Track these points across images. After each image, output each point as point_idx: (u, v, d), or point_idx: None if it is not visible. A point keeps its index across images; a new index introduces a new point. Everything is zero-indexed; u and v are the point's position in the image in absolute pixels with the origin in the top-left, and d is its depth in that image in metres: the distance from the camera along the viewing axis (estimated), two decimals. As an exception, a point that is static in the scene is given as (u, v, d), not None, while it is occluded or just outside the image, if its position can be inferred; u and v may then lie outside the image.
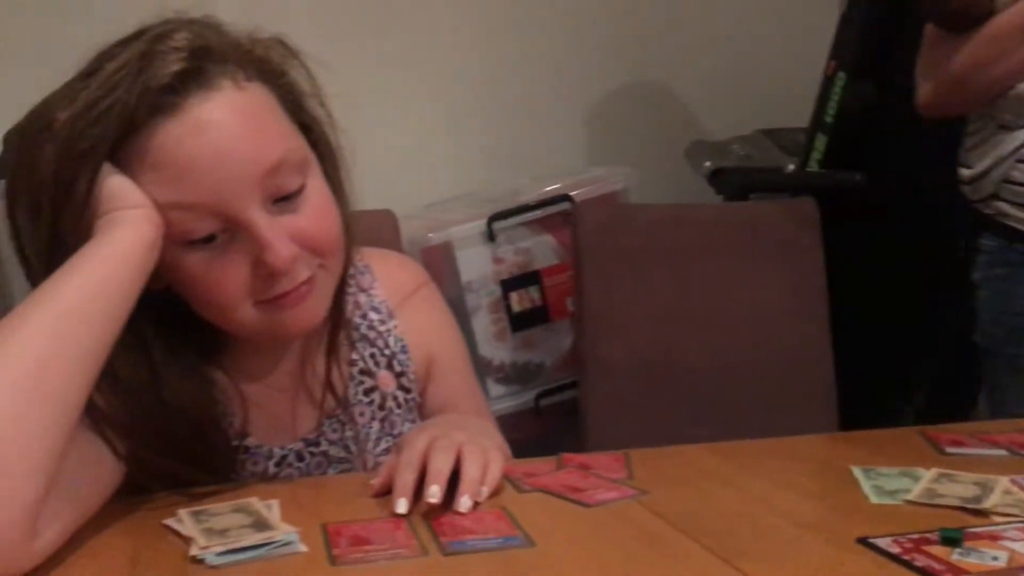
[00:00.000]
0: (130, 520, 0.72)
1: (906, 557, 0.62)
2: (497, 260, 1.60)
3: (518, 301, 1.60)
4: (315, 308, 0.82)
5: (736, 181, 1.76)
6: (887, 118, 1.66)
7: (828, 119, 1.68)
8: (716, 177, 1.84)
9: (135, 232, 0.71)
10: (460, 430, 0.80)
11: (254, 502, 0.73)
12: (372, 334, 0.95)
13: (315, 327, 0.85)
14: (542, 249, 1.62)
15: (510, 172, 1.89)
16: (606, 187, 1.65)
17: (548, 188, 1.65)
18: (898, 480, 0.78)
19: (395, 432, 0.94)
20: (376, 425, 0.94)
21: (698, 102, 2.13)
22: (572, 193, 1.61)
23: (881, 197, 1.60)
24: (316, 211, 0.79)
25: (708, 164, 1.86)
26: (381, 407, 0.94)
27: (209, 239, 0.75)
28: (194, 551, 0.63)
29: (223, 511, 0.71)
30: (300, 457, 0.90)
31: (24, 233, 0.75)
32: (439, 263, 1.56)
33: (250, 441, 0.87)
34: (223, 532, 0.66)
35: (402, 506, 0.70)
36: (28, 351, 0.62)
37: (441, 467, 0.72)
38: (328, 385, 0.88)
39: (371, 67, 1.88)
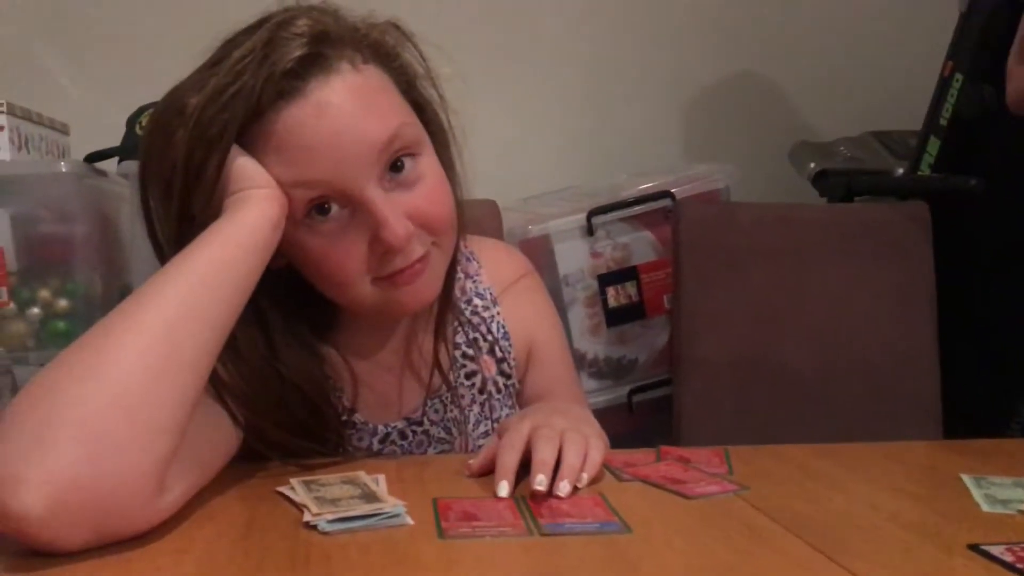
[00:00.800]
0: (245, 486, 0.76)
1: (1020, 566, 0.60)
2: (595, 254, 1.60)
3: (614, 296, 1.60)
4: (429, 285, 0.84)
5: (842, 183, 1.72)
6: (1004, 122, 1.60)
7: (943, 122, 1.63)
8: (821, 179, 1.80)
9: (261, 211, 0.74)
10: (561, 417, 0.81)
11: (362, 475, 0.76)
12: (476, 319, 0.97)
13: (429, 304, 0.87)
14: (641, 245, 1.61)
15: (611, 167, 1.89)
16: (708, 185, 1.64)
17: (648, 184, 1.64)
18: (1011, 490, 0.76)
19: (494, 416, 0.96)
20: (476, 408, 0.96)
21: (806, 101, 2.09)
22: (673, 190, 1.59)
23: (995, 203, 1.55)
24: (430, 189, 0.82)
25: (813, 165, 1.82)
26: (481, 391, 0.96)
27: (329, 217, 0.78)
28: (307, 517, 0.66)
29: (333, 482, 0.74)
30: (403, 435, 0.92)
31: (156, 212, 0.79)
32: (537, 255, 1.57)
33: (357, 417, 0.90)
34: (334, 501, 0.69)
35: (504, 489, 0.72)
36: (163, 319, 0.66)
37: (546, 457, 0.73)
38: (436, 365, 0.91)
39: (477, 59, 1.90)
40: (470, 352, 0.96)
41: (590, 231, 1.58)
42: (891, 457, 0.89)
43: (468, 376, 0.96)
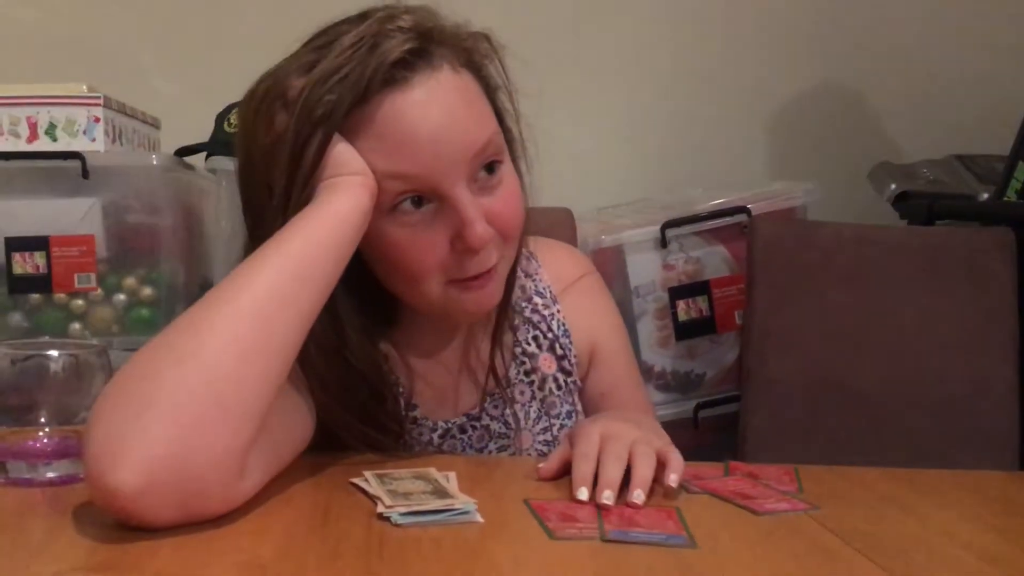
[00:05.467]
0: (320, 476, 0.77)
1: (1103, 603, 0.58)
2: (667, 267, 1.59)
3: (685, 310, 1.59)
4: (492, 293, 0.86)
5: (924, 206, 1.68)
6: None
7: (1033, 147, 1.58)
8: (901, 200, 1.77)
9: (353, 198, 0.75)
10: (633, 428, 0.81)
11: (433, 471, 0.77)
12: (536, 317, 0.98)
13: (490, 311, 0.88)
14: (714, 259, 1.60)
15: (687, 181, 1.88)
16: (785, 202, 1.62)
17: (724, 199, 1.63)
18: (1094, 526, 0.74)
19: (553, 413, 0.97)
20: (535, 405, 0.97)
21: (889, 121, 2.05)
22: (750, 205, 1.58)
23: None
24: (508, 195, 0.84)
25: (894, 187, 1.79)
26: (540, 387, 0.97)
27: (417, 210, 0.79)
28: (380, 509, 0.67)
29: (405, 476, 0.75)
30: (463, 430, 0.94)
31: (253, 196, 0.80)
32: (610, 266, 1.57)
33: (417, 412, 0.92)
34: (406, 495, 0.70)
35: (583, 494, 0.73)
36: (256, 305, 0.67)
37: (612, 476, 0.73)
38: (491, 369, 0.92)
39: (557, 68, 1.91)
40: (530, 349, 0.97)
41: (663, 243, 1.57)
42: (966, 486, 0.87)
43: (527, 373, 0.97)
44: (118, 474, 0.59)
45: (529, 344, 0.97)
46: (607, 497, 0.71)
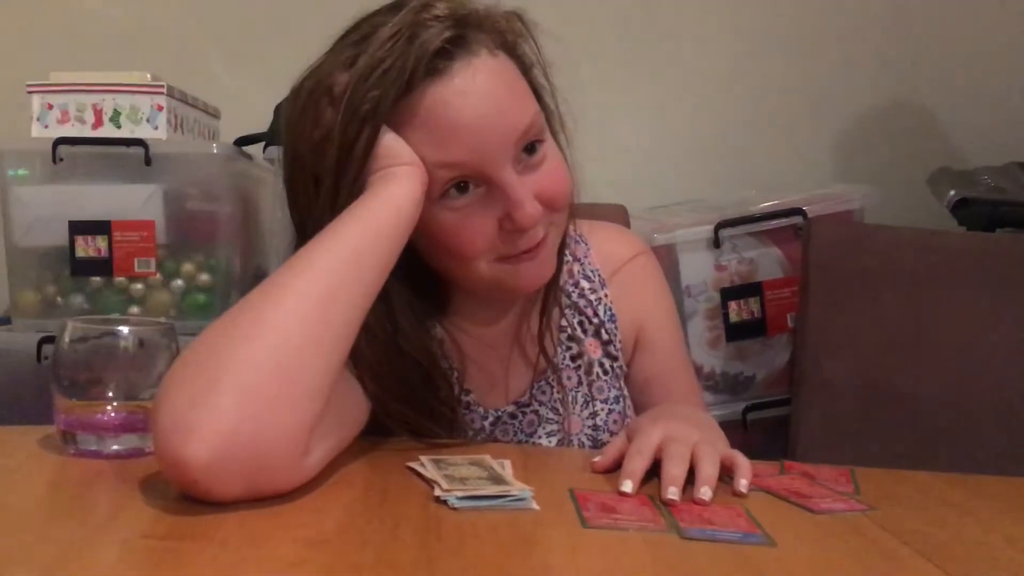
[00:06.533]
0: (378, 459, 0.78)
1: None
2: (719, 267, 1.58)
3: (736, 311, 1.58)
4: (545, 265, 0.87)
5: (984, 212, 1.65)
6: None
7: (1097, 154, 1.55)
8: (961, 207, 1.73)
9: (406, 187, 0.77)
10: (695, 429, 0.81)
11: (488, 458, 0.77)
12: (582, 302, 0.99)
13: (543, 284, 0.89)
14: (767, 261, 1.58)
15: (740, 182, 1.87)
16: (842, 204, 1.60)
17: (779, 200, 1.61)
18: None
19: (600, 398, 0.97)
20: (583, 390, 0.97)
21: (949, 127, 2.02)
22: (805, 207, 1.56)
23: None
24: (553, 170, 0.85)
25: (953, 192, 1.75)
26: (587, 372, 0.97)
27: (465, 195, 0.81)
28: (437, 492, 0.68)
29: (460, 462, 0.76)
30: (514, 416, 0.95)
31: (300, 188, 0.82)
32: (661, 265, 1.55)
33: (471, 398, 0.93)
34: (463, 480, 0.71)
35: (627, 486, 0.73)
36: (316, 288, 0.69)
37: (676, 474, 0.73)
38: (541, 348, 0.93)
39: (614, 65, 1.91)
40: (576, 334, 0.98)
41: (716, 243, 1.56)
42: (1028, 493, 0.86)
43: (573, 358, 0.97)
44: (189, 447, 0.60)
45: (575, 329, 0.98)
46: (672, 493, 0.71)
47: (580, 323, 0.98)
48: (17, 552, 0.54)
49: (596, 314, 0.99)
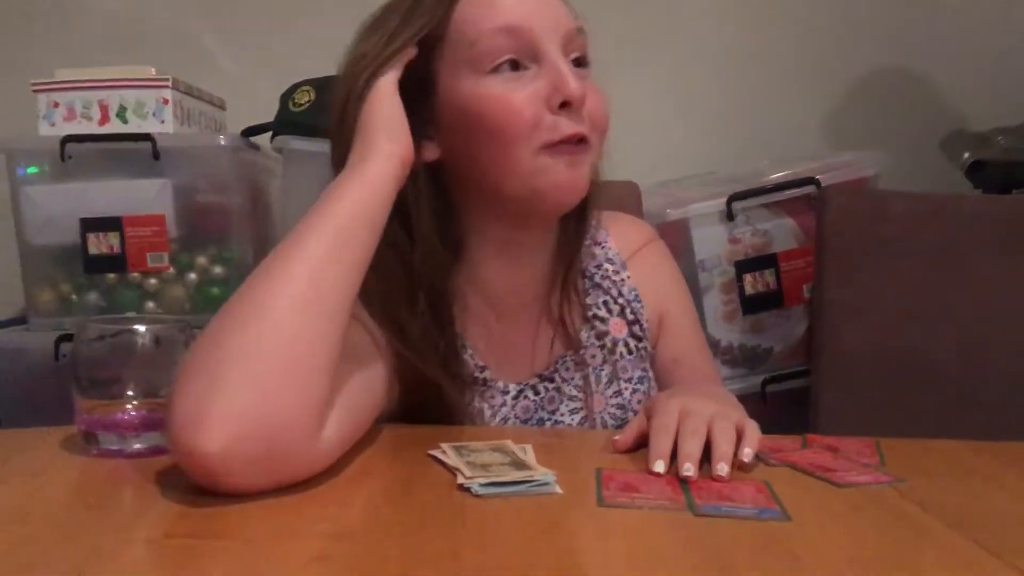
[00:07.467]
0: (399, 449, 0.78)
1: None
2: (733, 240, 1.57)
3: (752, 283, 1.57)
4: (581, 176, 0.87)
5: (1000, 174, 1.64)
6: None
7: (1115, 111, 1.53)
8: (976, 169, 1.72)
9: (387, 159, 0.78)
10: (711, 402, 0.80)
11: (509, 443, 0.77)
12: (606, 283, 0.99)
13: (577, 198, 0.89)
14: (781, 232, 1.57)
15: (752, 153, 1.85)
16: (855, 172, 1.58)
17: (792, 170, 1.60)
18: None
19: (625, 377, 0.98)
20: (607, 369, 0.97)
21: (960, 89, 2.00)
22: (819, 176, 1.55)
23: None
24: (598, 92, 0.88)
25: (967, 155, 1.74)
26: (612, 351, 0.97)
27: (516, 72, 0.84)
28: (460, 480, 0.68)
29: (482, 448, 0.76)
30: (535, 391, 0.94)
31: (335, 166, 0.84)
32: (674, 239, 1.55)
33: (489, 374, 0.92)
34: (485, 466, 0.70)
35: (659, 466, 0.72)
36: (308, 268, 0.70)
37: (692, 451, 0.73)
38: (561, 322, 0.93)
39: (618, 41, 1.90)
40: (600, 314, 0.98)
41: (730, 216, 1.55)
42: (1055, 459, 0.85)
43: (599, 337, 0.98)
44: (201, 436, 0.60)
45: (600, 308, 0.98)
46: (687, 470, 0.71)
47: (605, 303, 0.99)
48: (43, 557, 0.54)
49: (621, 294, 1.00)
